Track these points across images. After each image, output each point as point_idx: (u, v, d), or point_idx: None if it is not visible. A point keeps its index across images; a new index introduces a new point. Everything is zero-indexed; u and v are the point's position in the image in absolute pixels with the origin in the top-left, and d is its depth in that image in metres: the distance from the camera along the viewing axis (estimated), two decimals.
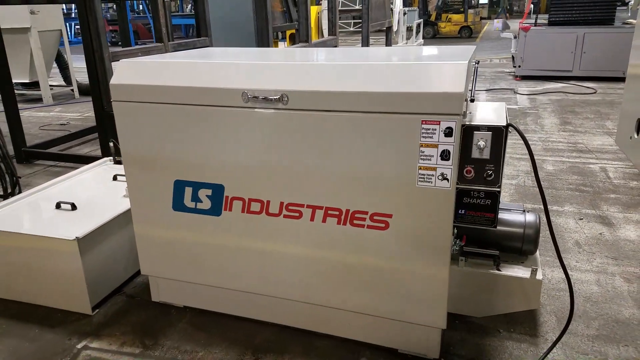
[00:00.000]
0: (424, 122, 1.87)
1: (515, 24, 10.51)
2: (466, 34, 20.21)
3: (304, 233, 2.17)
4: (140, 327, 2.50)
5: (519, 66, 9.52)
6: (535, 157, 4.97)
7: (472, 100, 2.14)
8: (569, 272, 2.86)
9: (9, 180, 3.67)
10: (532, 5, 12.02)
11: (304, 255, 2.22)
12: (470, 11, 20.45)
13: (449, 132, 1.85)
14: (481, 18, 22.03)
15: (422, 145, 1.90)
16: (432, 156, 1.90)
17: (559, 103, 7.50)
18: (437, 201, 1.94)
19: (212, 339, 2.38)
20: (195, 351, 2.31)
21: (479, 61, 2.41)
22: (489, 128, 2.02)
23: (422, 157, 1.91)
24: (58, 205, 2.92)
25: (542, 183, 4.19)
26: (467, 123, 2.04)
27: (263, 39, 5.50)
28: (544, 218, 2.44)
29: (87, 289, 2.55)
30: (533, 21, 9.92)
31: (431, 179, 1.92)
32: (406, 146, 1.91)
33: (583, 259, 3.00)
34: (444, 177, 1.91)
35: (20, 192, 3.57)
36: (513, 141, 5.42)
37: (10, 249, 2.65)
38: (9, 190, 3.65)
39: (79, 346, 2.37)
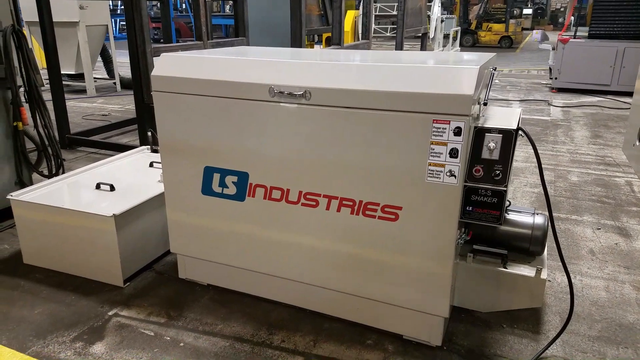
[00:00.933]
0: (435, 122, 2.00)
1: (555, 36, 10.41)
2: (506, 44, 20.00)
3: (320, 221, 2.33)
4: (166, 300, 2.71)
5: (556, 78, 9.45)
6: (561, 168, 5.00)
7: (485, 104, 2.26)
8: (580, 278, 2.93)
9: (54, 162, 3.95)
10: (572, 18, 11.87)
11: (319, 242, 2.38)
12: (512, 21, 20.24)
13: (458, 132, 1.98)
14: (523, 29, 21.74)
15: (432, 143, 2.03)
16: (442, 154, 2.03)
17: (593, 117, 7.44)
18: (445, 196, 2.07)
19: (232, 315, 2.57)
20: (215, 324, 2.50)
21: (496, 68, 2.52)
22: (499, 131, 2.14)
23: (432, 154, 2.04)
24: (98, 186, 3.16)
25: (565, 193, 4.27)
26: (480, 125, 2.17)
27: (296, 40, 5.69)
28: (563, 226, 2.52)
29: (120, 263, 2.77)
30: (573, 33, 9.82)
31: (440, 175, 2.05)
32: (418, 143, 2.04)
33: (595, 267, 3.06)
34: (451, 174, 2.04)
35: (64, 173, 3.84)
36: (540, 152, 5.45)
37: (53, 223, 2.90)
38: (54, 171, 3.93)
39: (110, 313, 2.60)
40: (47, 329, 2.48)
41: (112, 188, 3.13)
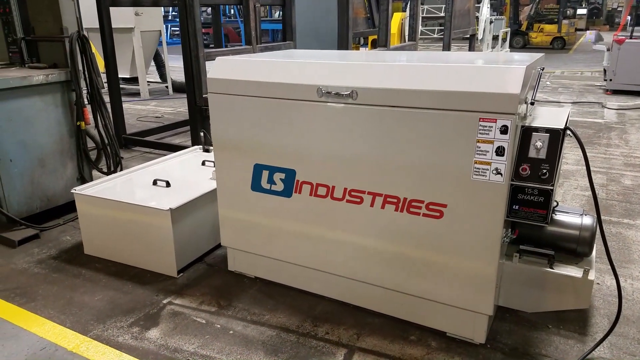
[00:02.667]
0: (481, 120, 2.03)
1: (611, 37, 10.06)
2: (559, 45, 19.36)
3: (364, 217, 2.39)
4: (217, 290, 2.84)
5: (610, 80, 9.13)
6: (614, 172, 4.85)
7: (532, 103, 2.26)
8: (631, 282, 2.86)
9: (113, 160, 4.18)
10: (629, 17, 11.44)
11: (363, 238, 2.44)
12: (565, 22, 19.58)
13: (504, 130, 2.00)
14: (577, 29, 20.98)
15: (478, 141, 2.05)
16: (488, 152, 2.05)
17: None
18: (490, 194, 2.09)
19: (278, 306, 2.67)
20: (263, 314, 2.60)
21: (543, 68, 2.51)
22: (547, 130, 2.14)
23: (478, 152, 2.07)
24: (155, 182, 3.34)
25: (617, 196, 4.15)
26: (527, 124, 2.18)
27: (342, 43, 5.77)
28: (614, 229, 2.48)
29: (174, 254, 2.92)
30: (629, 33, 9.47)
31: (486, 173, 2.08)
32: (464, 141, 2.07)
33: None
34: (497, 172, 2.06)
35: (121, 170, 4.06)
36: (591, 155, 5.32)
37: (112, 216, 3.08)
38: (112, 168, 4.16)
39: (164, 301, 2.74)
40: (107, 314, 2.64)
41: (168, 184, 3.29)
